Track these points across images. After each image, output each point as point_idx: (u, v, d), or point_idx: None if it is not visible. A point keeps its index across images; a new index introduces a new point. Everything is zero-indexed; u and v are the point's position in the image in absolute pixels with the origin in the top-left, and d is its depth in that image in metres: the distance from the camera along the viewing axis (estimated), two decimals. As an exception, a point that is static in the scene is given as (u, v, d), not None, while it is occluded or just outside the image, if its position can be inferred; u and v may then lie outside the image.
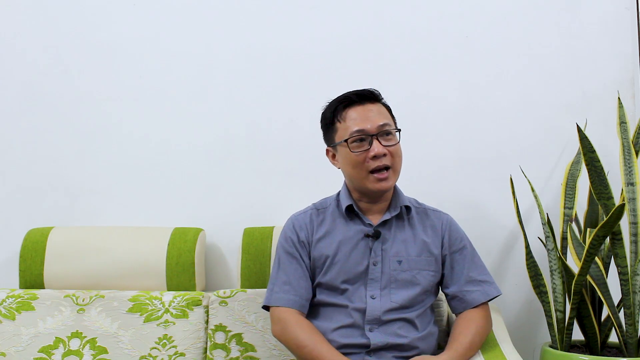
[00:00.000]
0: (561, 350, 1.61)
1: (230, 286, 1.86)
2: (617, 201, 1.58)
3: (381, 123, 1.41)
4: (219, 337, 1.64)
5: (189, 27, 2.00)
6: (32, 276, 1.74)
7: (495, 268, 1.88)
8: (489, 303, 1.48)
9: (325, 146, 1.52)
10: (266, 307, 1.47)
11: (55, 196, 1.97)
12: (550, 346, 1.66)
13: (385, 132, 1.42)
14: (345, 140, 1.42)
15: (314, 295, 1.47)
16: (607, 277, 1.59)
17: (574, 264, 1.61)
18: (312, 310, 1.46)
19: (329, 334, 1.40)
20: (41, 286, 1.75)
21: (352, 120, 1.43)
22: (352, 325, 1.40)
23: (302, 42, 1.98)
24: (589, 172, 1.57)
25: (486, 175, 1.90)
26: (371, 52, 1.95)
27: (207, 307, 1.68)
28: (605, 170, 1.56)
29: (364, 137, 1.41)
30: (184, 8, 2.00)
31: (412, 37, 1.95)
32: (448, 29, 1.95)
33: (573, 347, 1.68)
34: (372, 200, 1.47)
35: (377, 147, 1.39)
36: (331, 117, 1.47)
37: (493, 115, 1.92)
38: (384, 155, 1.40)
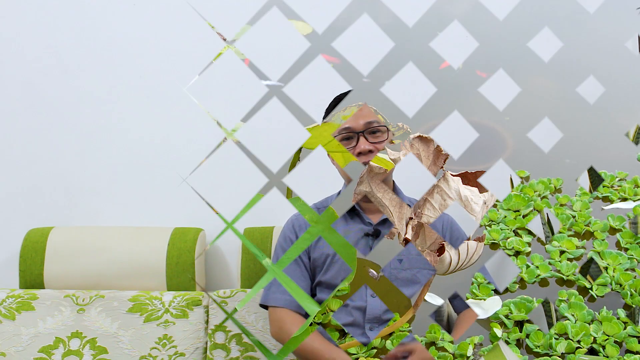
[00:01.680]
0: (561, 349, 1.61)
1: (230, 286, 1.86)
2: (617, 200, 1.58)
3: (368, 120, 1.43)
4: (219, 337, 1.64)
5: (189, 27, 2.00)
6: (32, 276, 1.74)
7: (496, 268, 1.88)
8: (490, 302, 1.48)
9: None
10: (264, 306, 1.48)
11: (55, 196, 1.97)
12: (551, 346, 1.65)
13: (372, 130, 1.43)
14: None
15: (314, 294, 1.47)
16: (607, 276, 1.59)
17: (574, 264, 1.61)
18: (312, 310, 1.46)
19: (329, 334, 1.40)
20: (41, 286, 1.75)
21: (341, 119, 1.45)
22: (352, 324, 1.40)
23: (302, 42, 1.97)
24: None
25: (486, 174, 1.90)
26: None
27: (207, 307, 1.68)
28: (606, 169, 1.56)
29: (351, 135, 1.42)
30: (184, 8, 2.00)
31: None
32: (448, 29, 1.95)
33: (573, 346, 1.68)
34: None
35: (362, 144, 1.41)
36: (326, 117, 1.50)
37: (493, 115, 1.92)
38: (370, 151, 1.41)
